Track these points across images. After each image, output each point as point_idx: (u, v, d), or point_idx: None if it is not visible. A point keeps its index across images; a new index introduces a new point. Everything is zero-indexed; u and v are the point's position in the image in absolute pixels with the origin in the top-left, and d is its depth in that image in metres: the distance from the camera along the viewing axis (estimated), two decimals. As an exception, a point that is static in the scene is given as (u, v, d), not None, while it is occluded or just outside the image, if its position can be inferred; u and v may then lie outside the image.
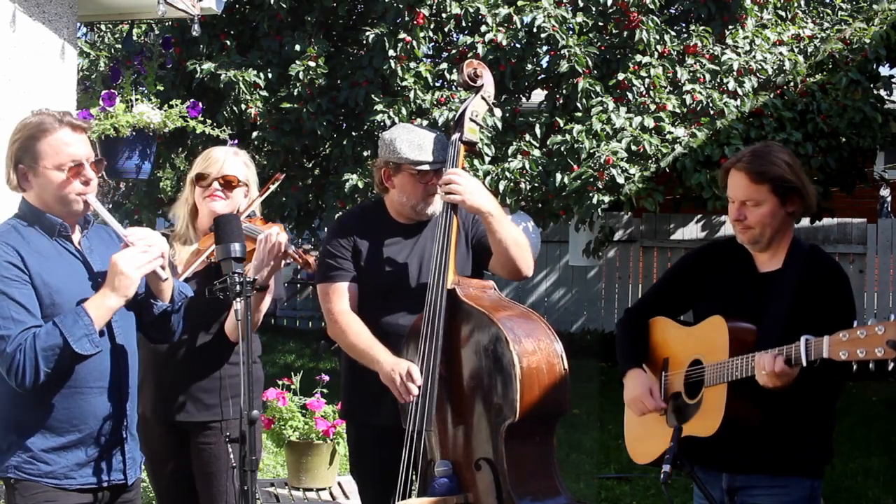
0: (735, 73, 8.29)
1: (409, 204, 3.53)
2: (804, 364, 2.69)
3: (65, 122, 2.76)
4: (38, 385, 2.64)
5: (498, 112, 7.96)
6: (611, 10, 8.34)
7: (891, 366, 2.53)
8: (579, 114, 8.05)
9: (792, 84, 8.57)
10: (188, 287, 3.04)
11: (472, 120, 3.51)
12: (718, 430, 2.89)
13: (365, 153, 8.28)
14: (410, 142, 3.45)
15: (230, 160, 3.51)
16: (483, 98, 3.57)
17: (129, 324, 2.88)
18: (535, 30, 8.09)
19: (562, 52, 8.02)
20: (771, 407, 2.89)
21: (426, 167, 3.43)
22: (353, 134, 8.47)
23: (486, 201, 3.35)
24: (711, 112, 8.10)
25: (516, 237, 3.43)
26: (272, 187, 3.67)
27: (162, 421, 3.50)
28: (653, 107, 8.07)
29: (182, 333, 3.09)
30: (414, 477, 3.28)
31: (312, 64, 8.09)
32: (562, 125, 8.06)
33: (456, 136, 3.49)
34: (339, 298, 3.51)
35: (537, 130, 8.16)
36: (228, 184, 3.47)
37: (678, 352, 3.15)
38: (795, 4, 9.51)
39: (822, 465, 3.07)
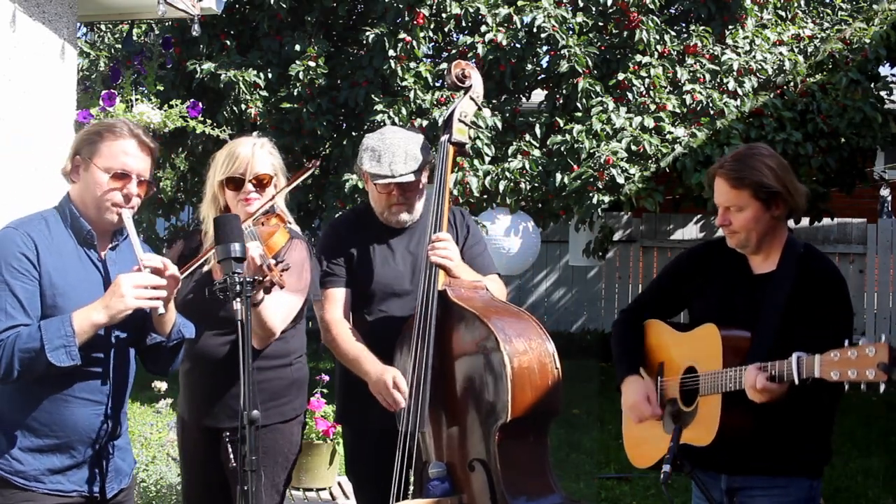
0: (735, 73, 8.30)
1: (377, 210, 3.55)
2: (796, 382, 2.68)
3: (134, 135, 2.79)
4: (8, 382, 2.63)
5: (488, 112, 7.96)
6: (611, 10, 8.34)
7: (882, 388, 2.52)
8: (579, 114, 8.05)
9: (792, 84, 8.57)
10: (190, 327, 2.99)
11: (460, 121, 3.51)
12: (715, 439, 2.89)
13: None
14: (373, 152, 3.44)
15: (259, 157, 3.36)
16: (472, 99, 3.56)
17: (125, 342, 2.86)
18: (535, 30, 8.09)
19: (562, 52, 8.02)
20: (766, 416, 2.87)
21: (380, 181, 3.43)
22: (353, 134, 8.47)
23: (468, 275, 3.40)
24: (711, 112, 8.11)
25: None
26: (303, 177, 3.48)
27: (197, 425, 3.46)
28: (653, 107, 8.08)
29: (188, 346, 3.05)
30: (410, 478, 3.28)
31: (312, 64, 8.10)
32: (562, 125, 8.07)
33: (444, 137, 3.50)
34: (332, 306, 3.52)
35: (537, 130, 8.16)
36: (261, 182, 3.35)
37: (673, 357, 3.14)
38: (795, 4, 9.51)
39: (821, 466, 3.06)
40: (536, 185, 7.94)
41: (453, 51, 8.39)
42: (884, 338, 2.56)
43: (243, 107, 8.16)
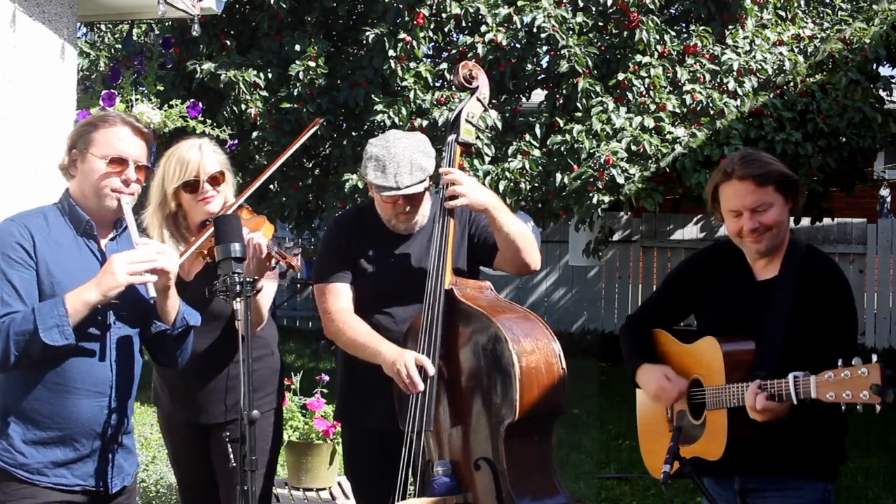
0: (735, 73, 8.29)
1: (382, 217, 3.53)
2: (795, 402, 2.67)
3: (127, 122, 2.85)
4: (6, 368, 2.64)
5: (495, 113, 7.97)
6: (611, 10, 8.34)
7: (878, 409, 2.52)
8: (579, 114, 8.05)
9: (792, 84, 8.57)
10: (196, 315, 3.00)
11: (467, 121, 3.51)
12: (725, 451, 2.89)
13: (365, 153, 8.28)
14: (378, 161, 3.39)
15: (207, 156, 3.41)
16: (478, 100, 3.57)
17: (130, 334, 2.87)
18: (535, 30, 8.08)
19: (562, 52, 8.02)
20: (774, 427, 2.85)
21: (386, 193, 3.39)
22: (353, 134, 8.47)
23: (489, 197, 3.36)
24: (711, 112, 8.10)
25: (521, 229, 3.43)
26: (311, 131, 3.56)
27: (184, 420, 3.52)
28: (653, 107, 8.07)
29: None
30: (412, 477, 3.28)
31: (312, 64, 8.09)
32: (562, 125, 8.06)
33: (452, 137, 3.49)
34: (336, 298, 3.50)
35: (537, 130, 8.16)
36: (215, 180, 3.42)
37: (678, 369, 3.13)
38: (795, 4, 9.50)
39: (834, 469, 3.04)
40: (536, 185, 7.94)
41: (453, 51, 8.39)
42: (875, 358, 2.54)
43: (243, 107, 8.16)
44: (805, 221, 9.62)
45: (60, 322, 2.62)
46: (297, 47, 8.22)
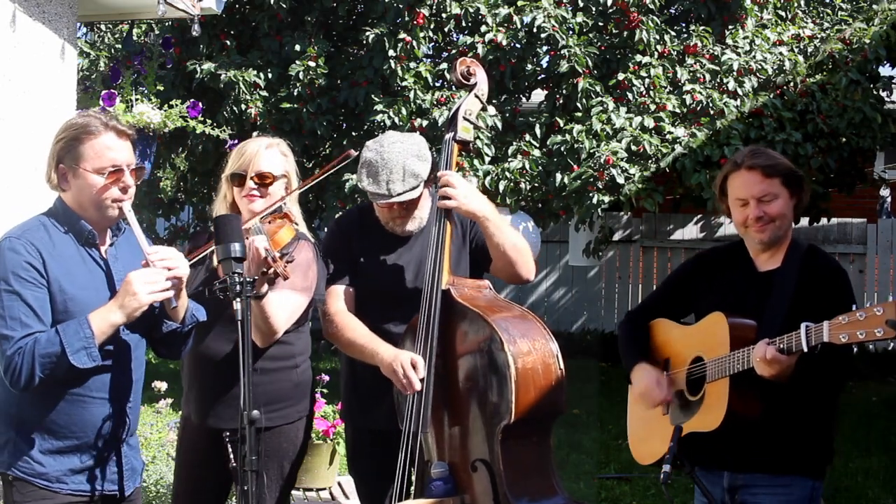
0: (735, 73, 8.29)
1: (381, 220, 3.52)
2: (805, 349, 2.69)
3: (110, 127, 2.77)
4: (30, 388, 2.64)
5: (493, 111, 7.96)
6: (611, 10, 8.34)
7: (891, 345, 2.56)
8: (579, 114, 8.05)
9: (792, 84, 8.56)
10: (202, 311, 3.00)
11: (465, 119, 3.48)
12: (721, 426, 2.90)
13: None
14: (371, 167, 3.38)
15: (263, 155, 3.34)
16: (476, 96, 3.54)
17: (137, 337, 2.87)
18: (535, 30, 8.09)
19: (562, 52, 8.02)
20: (772, 400, 2.89)
21: (378, 200, 3.39)
22: (353, 134, 8.47)
23: (482, 206, 3.34)
24: (711, 112, 8.10)
25: (515, 241, 3.40)
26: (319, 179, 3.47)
27: (200, 425, 3.44)
28: (653, 107, 8.07)
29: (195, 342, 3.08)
30: (411, 478, 3.28)
31: (312, 64, 8.10)
32: (562, 125, 8.07)
33: (449, 135, 3.48)
34: (335, 300, 3.50)
35: (537, 130, 8.16)
36: (262, 179, 3.34)
37: (679, 351, 3.16)
38: (795, 4, 9.50)
39: (823, 467, 3.07)
40: (536, 185, 7.94)
41: (453, 51, 8.39)
42: (891, 298, 2.58)
43: (243, 107, 8.16)
44: (805, 221, 9.62)
45: (88, 344, 2.63)
46: (297, 47, 8.22)
